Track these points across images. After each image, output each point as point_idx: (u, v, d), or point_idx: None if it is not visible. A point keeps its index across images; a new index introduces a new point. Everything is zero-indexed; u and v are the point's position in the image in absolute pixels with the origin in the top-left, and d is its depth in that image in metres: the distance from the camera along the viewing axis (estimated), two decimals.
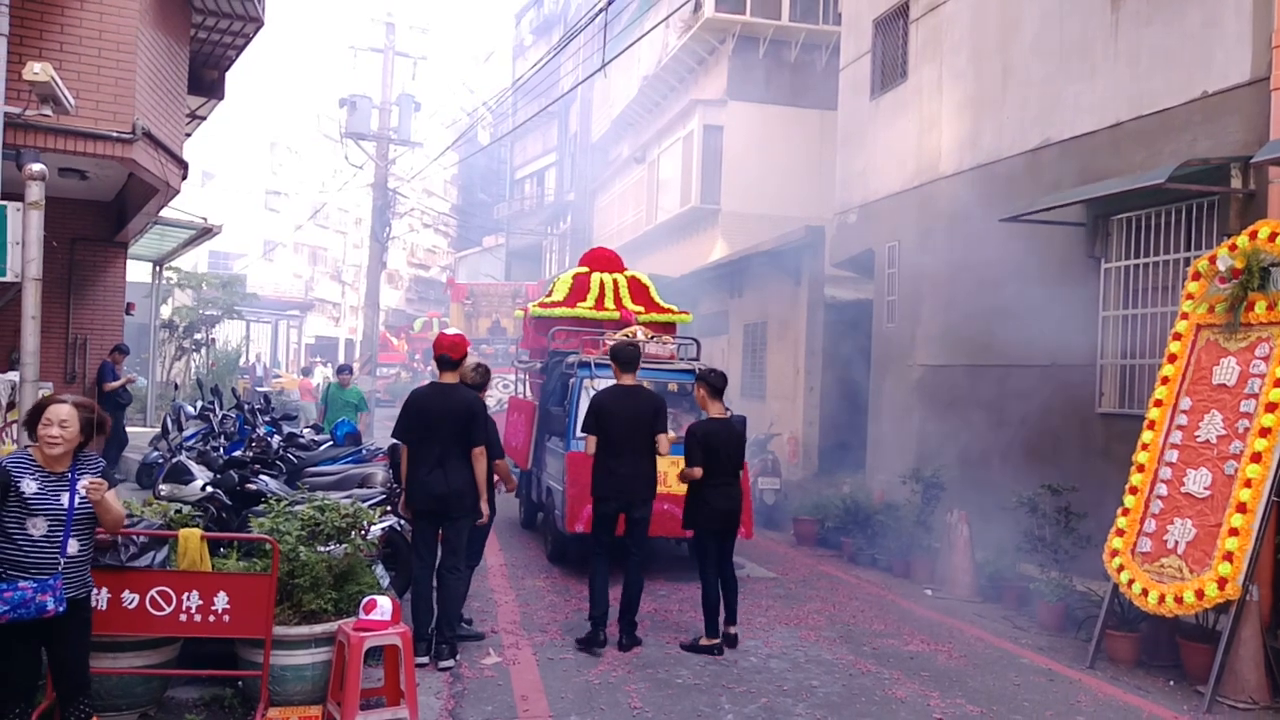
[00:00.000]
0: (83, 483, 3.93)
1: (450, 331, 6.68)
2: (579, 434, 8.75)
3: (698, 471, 6.67)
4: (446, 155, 26.83)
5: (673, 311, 11.50)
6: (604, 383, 9.33)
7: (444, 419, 6.15)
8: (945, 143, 10.88)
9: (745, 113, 18.77)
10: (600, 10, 14.01)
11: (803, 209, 16.88)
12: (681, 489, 8.46)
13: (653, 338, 9.77)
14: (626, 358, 6.93)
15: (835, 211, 13.74)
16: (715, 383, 6.96)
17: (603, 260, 11.81)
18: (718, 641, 6.61)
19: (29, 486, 3.82)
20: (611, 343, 9.66)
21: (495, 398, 15.98)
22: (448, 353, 6.32)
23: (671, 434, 6.99)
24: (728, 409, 7.11)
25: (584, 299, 10.99)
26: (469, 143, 30.84)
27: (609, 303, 11.03)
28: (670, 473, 8.32)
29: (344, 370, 14.05)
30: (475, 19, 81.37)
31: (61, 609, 3.83)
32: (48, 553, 3.84)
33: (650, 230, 22.03)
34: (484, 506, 6.24)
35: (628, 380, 6.89)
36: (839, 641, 7.06)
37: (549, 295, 11.40)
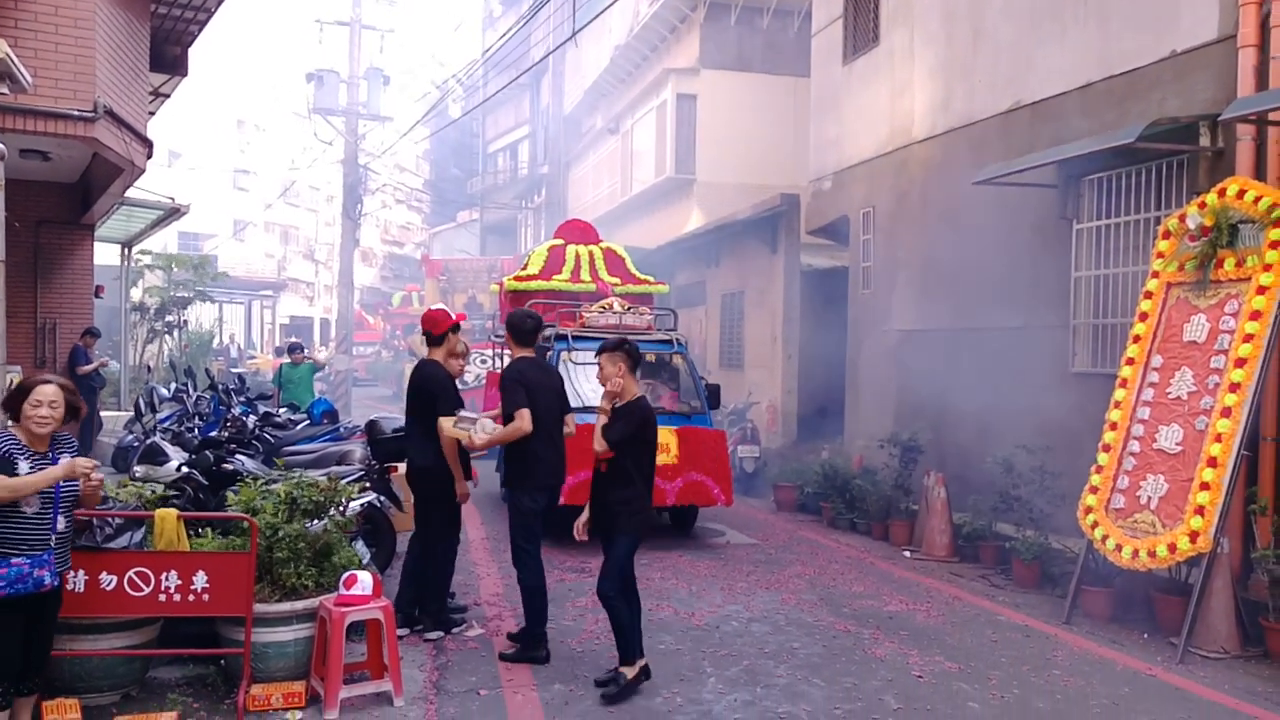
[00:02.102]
0: (95, 475, 4.08)
1: (435, 307, 6.66)
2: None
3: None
4: (417, 130, 26.49)
5: (649, 282, 11.49)
6: (584, 355, 9.30)
7: (410, 394, 6.17)
8: (918, 107, 10.87)
9: (718, 81, 18.65)
10: None
11: (778, 177, 16.84)
12: (663, 459, 8.41)
13: (629, 309, 9.78)
14: (528, 328, 6.02)
15: (810, 179, 13.72)
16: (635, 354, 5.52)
17: (578, 232, 11.82)
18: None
19: (23, 466, 3.89)
20: (588, 315, 9.63)
21: (473, 373, 16.00)
22: (431, 329, 6.29)
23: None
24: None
25: (559, 271, 10.99)
26: (440, 116, 30.46)
27: (585, 275, 11.03)
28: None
29: (295, 349, 13.93)
30: None
31: (55, 583, 3.99)
32: (40, 530, 3.93)
33: (626, 201, 21.94)
34: (459, 486, 6.16)
35: (527, 353, 6.02)
36: (819, 604, 7.13)
37: (524, 269, 11.37)
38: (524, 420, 5.56)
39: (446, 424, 5.81)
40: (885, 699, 5.20)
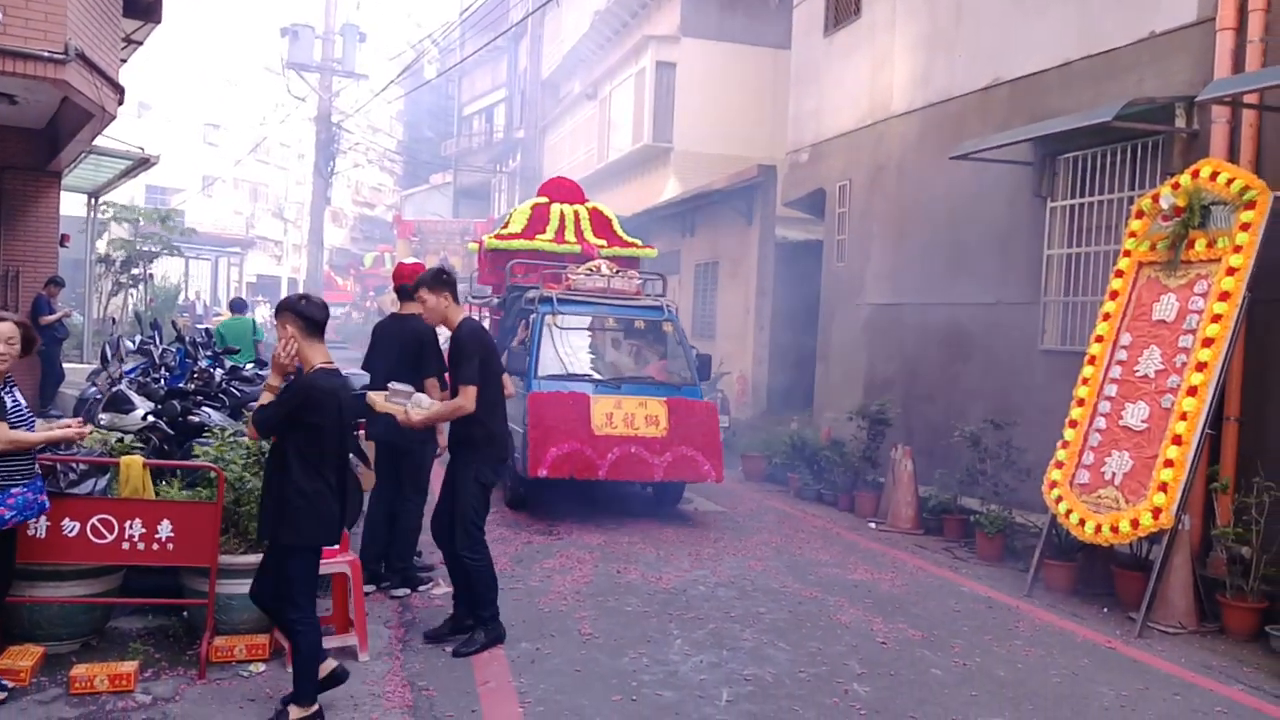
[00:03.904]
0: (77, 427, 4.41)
1: (409, 261, 6.61)
2: (539, 374, 8.53)
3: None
4: (391, 90, 26.16)
5: (636, 245, 11.08)
6: (570, 320, 9.08)
7: (397, 348, 6.14)
8: (897, 81, 10.85)
9: (699, 50, 18.50)
10: None
11: (756, 148, 16.78)
12: (651, 431, 8.26)
13: (617, 272, 9.48)
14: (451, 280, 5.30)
15: (787, 151, 13.68)
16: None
17: (563, 190, 11.29)
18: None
19: (8, 400, 4.06)
20: (574, 278, 9.26)
21: (444, 335, 15.82)
22: (406, 282, 6.26)
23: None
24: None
25: (543, 231, 10.55)
26: (414, 76, 30.07)
27: (569, 235, 10.60)
28: (638, 414, 8.28)
29: (235, 305, 13.71)
30: None
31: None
32: (26, 460, 4.13)
33: (602, 168, 21.78)
34: (440, 439, 6.15)
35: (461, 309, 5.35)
36: (785, 571, 7.18)
37: (506, 227, 10.92)
38: (469, 399, 4.99)
39: (377, 399, 5.24)
40: (849, 663, 5.25)
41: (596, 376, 8.84)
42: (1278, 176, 6.34)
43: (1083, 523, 6.56)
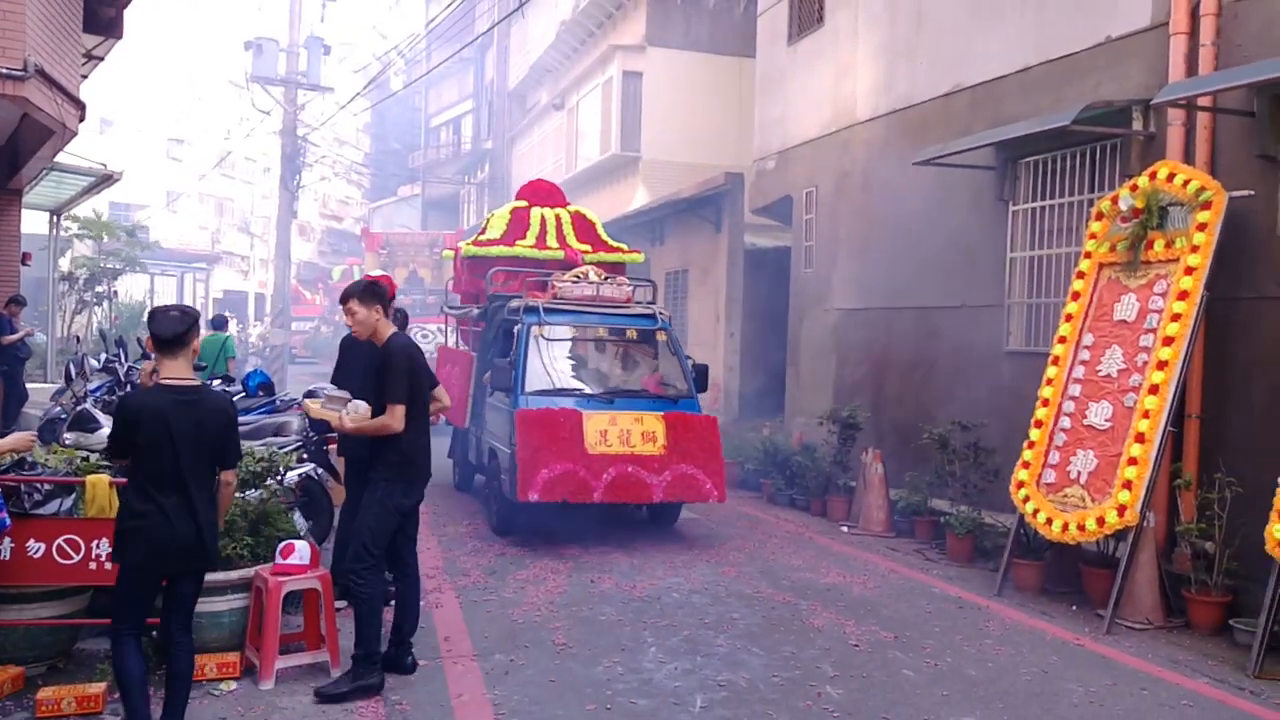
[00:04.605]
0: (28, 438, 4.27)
1: (375, 273, 6.54)
2: (526, 390, 8.04)
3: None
4: (358, 102, 25.99)
5: (622, 250, 10.45)
6: (556, 330, 8.56)
7: (365, 363, 6.06)
8: (861, 89, 10.96)
9: (665, 59, 18.60)
10: None
11: (723, 156, 16.87)
12: (648, 449, 7.72)
13: (607, 279, 8.97)
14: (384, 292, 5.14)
15: (754, 158, 13.77)
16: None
17: (543, 193, 10.67)
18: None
19: None
20: (561, 285, 8.67)
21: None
22: None
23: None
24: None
25: (523, 236, 9.92)
26: (380, 89, 29.93)
27: (551, 240, 9.97)
28: (634, 430, 7.80)
29: (216, 323, 13.74)
30: None
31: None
32: None
33: (570, 178, 21.78)
34: None
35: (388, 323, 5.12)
36: (758, 576, 7.22)
37: (484, 232, 10.29)
38: (395, 418, 4.78)
39: (314, 405, 5.12)
40: (822, 667, 5.29)
41: (588, 391, 8.36)
42: (1232, 177, 6.47)
43: (1050, 521, 6.64)
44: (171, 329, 3.89)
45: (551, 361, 8.41)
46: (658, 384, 8.78)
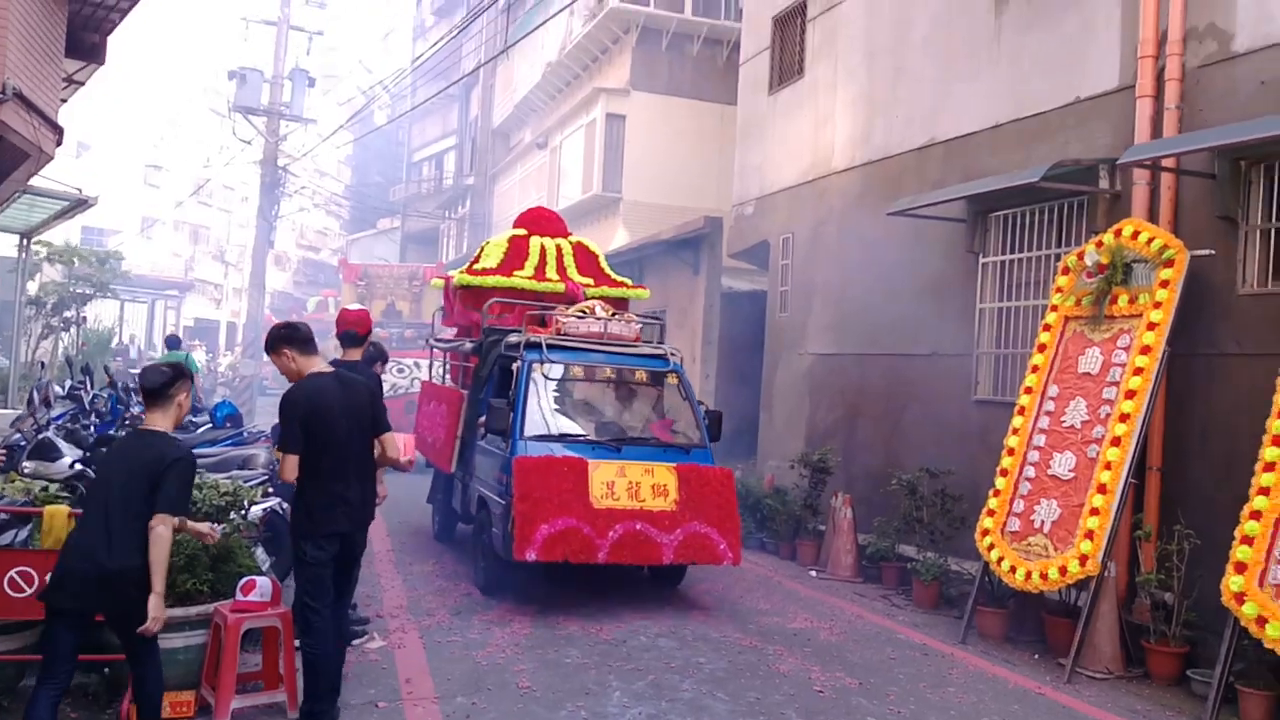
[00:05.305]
0: None
1: (353, 307, 6.49)
2: (525, 434, 7.28)
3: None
4: (340, 135, 26.09)
5: (626, 285, 9.74)
6: (560, 369, 7.77)
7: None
8: (838, 139, 11.15)
9: (648, 103, 18.85)
10: None
11: (703, 200, 17.07)
12: (659, 504, 6.96)
13: (614, 315, 8.27)
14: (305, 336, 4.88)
15: (733, 203, 13.93)
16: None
17: (543, 222, 9.95)
18: None
19: None
20: (565, 320, 7.98)
21: (390, 382, 15.51)
22: (351, 328, 6.15)
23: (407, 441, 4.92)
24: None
25: (521, 267, 9.15)
26: (364, 122, 30.07)
27: (551, 272, 9.21)
28: (644, 483, 7.05)
29: (170, 342, 14.41)
30: None
31: None
32: None
33: None
34: (380, 488, 5.99)
35: (316, 364, 4.83)
36: (726, 620, 7.20)
37: (478, 261, 9.47)
38: (285, 469, 4.57)
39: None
40: (787, 713, 5.27)
41: (593, 437, 7.57)
42: (1194, 237, 6.63)
43: (1014, 570, 6.69)
44: (153, 380, 4.05)
45: (554, 403, 7.68)
46: (668, 431, 7.97)
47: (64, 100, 11.14)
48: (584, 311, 8.16)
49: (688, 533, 7.03)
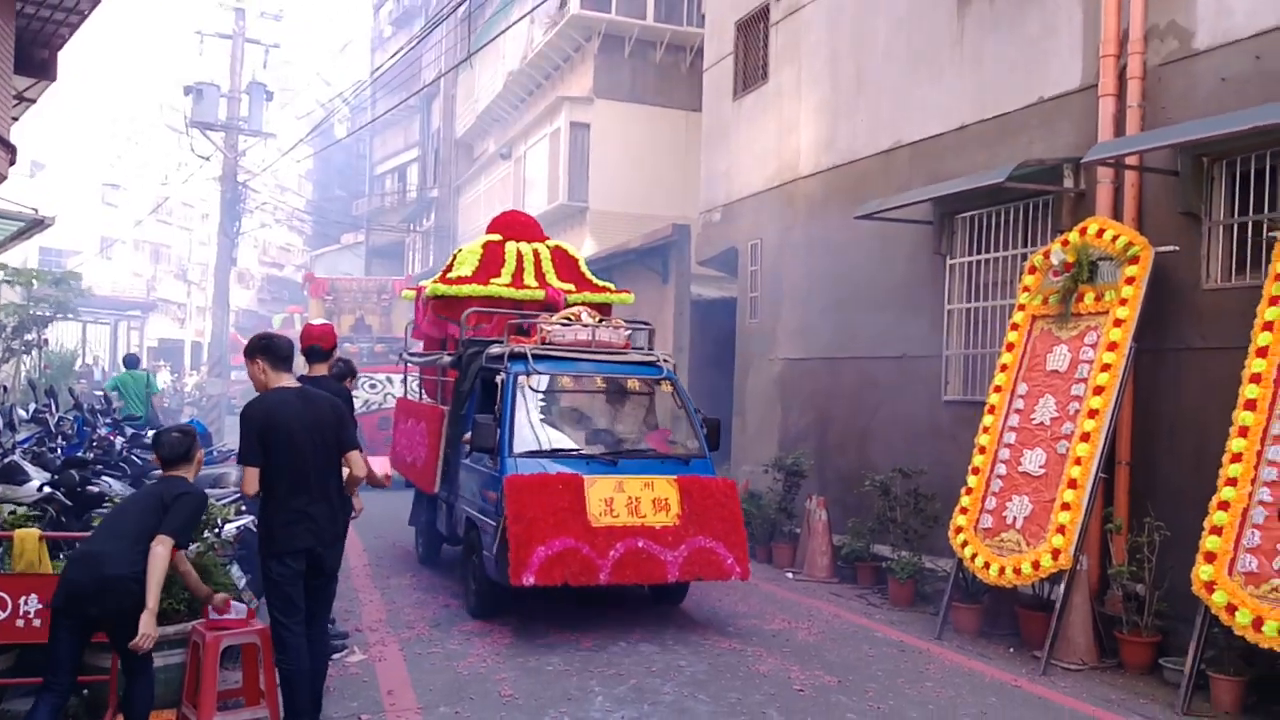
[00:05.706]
0: None
1: (318, 322, 6.43)
2: (515, 450, 6.89)
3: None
4: (300, 149, 25.86)
5: (609, 290, 9.38)
6: (547, 381, 7.46)
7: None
8: (804, 144, 11.25)
9: (612, 111, 18.89)
10: (462, 1, 13.81)
11: (670, 208, 17.12)
12: (660, 519, 6.67)
13: (601, 321, 7.91)
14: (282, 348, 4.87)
15: (700, 210, 13.99)
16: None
17: (518, 226, 9.49)
18: None
19: None
20: (550, 329, 7.61)
21: (362, 398, 15.35)
22: (316, 343, 6.10)
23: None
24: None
25: (498, 274, 8.77)
26: (324, 135, 29.84)
27: (529, 279, 8.85)
28: (644, 498, 6.74)
29: (129, 361, 14.21)
30: (331, 6, 79.04)
31: None
32: None
33: None
34: (355, 501, 5.89)
35: (284, 379, 4.80)
36: (705, 623, 7.22)
37: (451, 270, 8.98)
38: (246, 482, 4.55)
39: None
40: (768, 712, 5.30)
41: (587, 451, 7.21)
42: (1158, 233, 6.77)
43: (987, 565, 6.77)
44: (174, 452, 4.45)
45: (544, 417, 7.33)
46: (665, 442, 7.68)
47: (15, 118, 10.98)
48: (569, 319, 7.77)
49: (692, 548, 6.68)
